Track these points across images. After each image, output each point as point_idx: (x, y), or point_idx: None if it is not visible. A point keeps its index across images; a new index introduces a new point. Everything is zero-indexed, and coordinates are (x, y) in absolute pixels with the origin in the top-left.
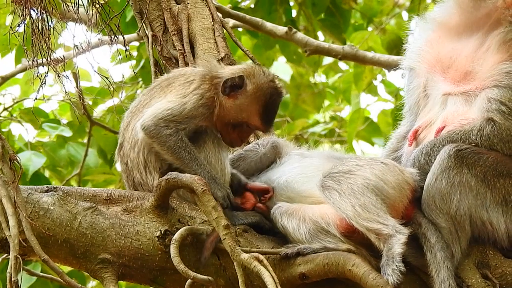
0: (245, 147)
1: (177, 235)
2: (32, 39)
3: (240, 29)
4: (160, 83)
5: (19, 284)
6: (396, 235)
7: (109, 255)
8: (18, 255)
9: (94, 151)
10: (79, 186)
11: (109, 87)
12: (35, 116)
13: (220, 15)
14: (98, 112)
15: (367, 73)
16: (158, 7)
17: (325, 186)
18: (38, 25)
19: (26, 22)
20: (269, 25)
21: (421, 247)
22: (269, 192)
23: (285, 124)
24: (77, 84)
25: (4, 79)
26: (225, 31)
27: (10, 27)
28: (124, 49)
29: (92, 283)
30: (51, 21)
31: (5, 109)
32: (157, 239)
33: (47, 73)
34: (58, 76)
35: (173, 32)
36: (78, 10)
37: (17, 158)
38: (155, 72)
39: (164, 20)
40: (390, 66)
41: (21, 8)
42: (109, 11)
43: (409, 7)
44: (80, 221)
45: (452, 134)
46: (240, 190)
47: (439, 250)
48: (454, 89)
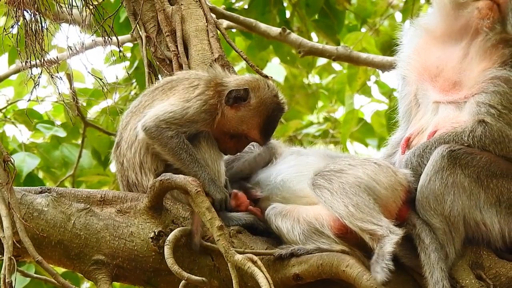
0: None
1: (171, 236)
2: (25, 41)
3: (234, 30)
4: (162, 85)
5: (13, 285)
6: (389, 236)
7: (103, 256)
8: (12, 257)
9: (88, 152)
10: (73, 187)
11: (102, 88)
12: (29, 118)
13: (214, 16)
14: (92, 113)
15: (361, 74)
16: (152, 8)
17: (316, 184)
18: (32, 26)
19: (20, 23)
20: (263, 26)
21: (415, 248)
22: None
23: (279, 125)
24: (70, 85)
25: None
26: (219, 32)
27: (4, 29)
28: (118, 50)
29: (86, 285)
30: (45, 22)
31: None
32: (151, 240)
33: (40, 74)
34: (52, 77)
35: (167, 33)
36: (71, 11)
37: (11, 159)
38: (149, 74)
39: (158, 21)
40: (384, 67)
41: (15, 10)
42: (103, 12)
43: (402, 8)
44: (74, 222)
45: (444, 136)
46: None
47: (433, 251)
48: (443, 98)
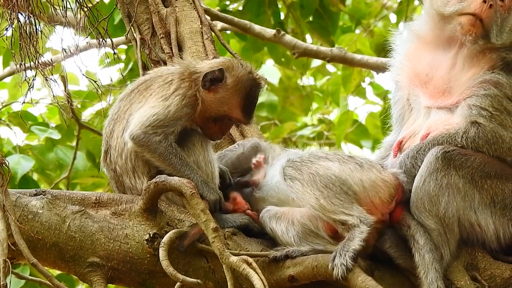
0: (228, 147)
1: (166, 238)
2: (20, 43)
3: (229, 32)
4: (137, 87)
5: (8, 287)
6: (360, 226)
7: (98, 258)
8: (7, 259)
9: (83, 154)
10: (67, 189)
11: (97, 90)
12: (23, 120)
13: (209, 18)
14: (86, 116)
15: (356, 75)
16: (146, 10)
17: (287, 174)
18: (26, 28)
19: (14, 25)
20: (257, 27)
21: (410, 249)
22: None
23: (273, 127)
24: (65, 87)
25: None
26: (213, 34)
27: None
28: (112, 52)
29: (81, 287)
30: (39, 24)
31: None
32: (146, 242)
33: (35, 76)
34: (46, 79)
35: (161, 35)
36: (66, 14)
37: (5, 161)
38: (143, 76)
39: (152, 23)
40: (379, 68)
41: (9, 12)
42: (97, 14)
43: (397, 9)
44: (69, 224)
45: (438, 138)
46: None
47: (428, 252)
48: (434, 104)
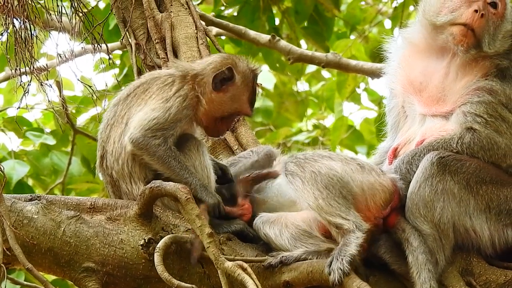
0: (240, 153)
1: (161, 244)
2: (15, 48)
3: (224, 37)
4: (134, 91)
5: None
6: (355, 231)
7: (93, 263)
8: (2, 264)
9: (78, 160)
10: (62, 194)
11: (92, 95)
12: (18, 125)
13: (204, 23)
14: (81, 121)
15: (351, 81)
16: (141, 15)
17: (288, 170)
18: (21, 34)
19: (9, 31)
20: (252, 33)
21: (404, 253)
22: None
23: (268, 132)
24: (60, 92)
25: None
26: (208, 39)
27: None
28: (107, 57)
29: None
30: (34, 30)
31: None
32: (141, 247)
33: (30, 82)
34: (41, 85)
35: (156, 41)
36: (61, 19)
37: (0, 167)
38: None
39: (147, 28)
40: (374, 74)
41: (4, 17)
42: (92, 19)
43: (392, 14)
44: (64, 229)
45: (433, 143)
46: (233, 199)
47: (421, 253)
48: (429, 111)
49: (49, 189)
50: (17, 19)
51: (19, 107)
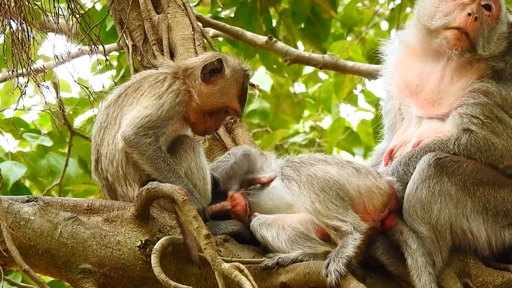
0: (219, 158)
1: (158, 245)
2: (12, 50)
3: (221, 39)
4: (125, 91)
5: None
6: (353, 233)
7: (90, 265)
8: None
9: (75, 161)
10: (59, 196)
11: (89, 97)
12: (15, 126)
13: (201, 24)
14: (78, 122)
15: (348, 83)
16: (138, 17)
17: (284, 174)
18: (18, 35)
19: (6, 32)
20: (249, 34)
21: (402, 255)
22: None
23: (265, 134)
24: (57, 94)
25: None
26: (205, 40)
27: None
28: (104, 59)
29: None
30: (31, 31)
31: None
32: (138, 249)
33: (27, 83)
34: (38, 86)
35: (153, 42)
36: (58, 21)
37: None
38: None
39: (144, 30)
40: (371, 75)
41: (1, 19)
42: (89, 21)
43: (389, 16)
44: (61, 231)
45: (430, 145)
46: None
47: (421, 256)
48: (425, 114)
49: (46, 191)
50: (14, 21)
51: (16, 109)
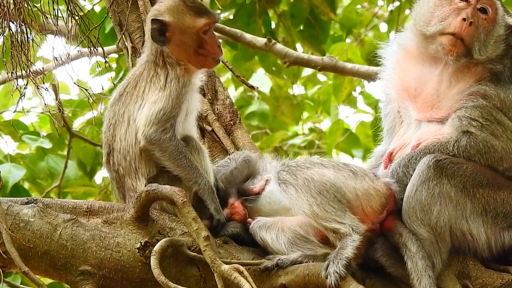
0: (219, 162)
1: (157, 247)
2: (11, 52)
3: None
4: (125, 89)
5: None
6: (352, 234)
7: (89, 266)
8: None
9: (74, 163)
10: (59, 198)
11: (88, 99)
12: (15, 128)
13: None
14: (77, 124)
15: (347, 84)
16: (137, 18)
17: (281, 179)
18: (17, 37)
19: (6, 34)
20: (248, 36)
21: (401, 257)
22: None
23: (264, 136)
24: (56, 96)
25: None
26: None
27: None
28: (104, 61)
29: None
30: (30, 33)
31: None
32: (137, 250)
33: (26, 85)
34: (38, 88)
35: None
36: (57, 22)
37: None
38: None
39: (143, 31)
40: (370, 77)
41: (0, 21)
42: (88, 23)
43: (388, 18)
44: (60, 233)
45: (429, 146)
46: (224, 200)
47: (420, 259)
48: (424, 118)
49: (45, 193)
50: (13, 23)
51: (15, 111)
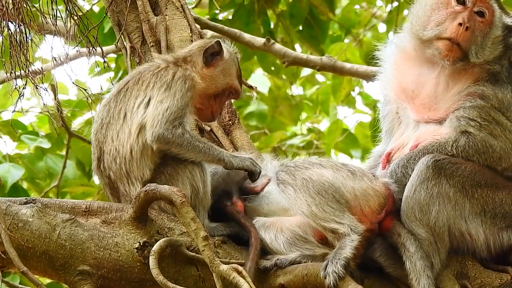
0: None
1: (156, 247)
2: (10, 52)
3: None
4: (125, 85)
5: None
6: (350, 234)
7: (88, 266)
8: None
9: (73, 163)
10: (57, 198)
11: (87, 99)
12: (13, 128)
13: (198, 26)
14: (76, 124)
15: (345, 84)
16: (136, 18)
17: (279, 179)
18: (16, 37)
19: (4, 34)
20: (247, 36)
21: (400, 257)
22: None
23: (263, 136)
24: (55, 96)
25: None
26: None
27: None
28: (102, 61)
29: None
30: (29, 33)
31: None
32: (136, 250)
33: (25, 85)
34: (36, 88)
35: (151, 44)
36: (56, 23)
37: None
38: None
39: (142, 31)
40: (368, 77)
41: None
42: (87, 23)
43: (386, 18)
44: (59, 233)
45: (428, 147)
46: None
47: (419, 259)
48: (422, 118)
49: (44, 193)
50: (12, 23)
51: (14, 111)
